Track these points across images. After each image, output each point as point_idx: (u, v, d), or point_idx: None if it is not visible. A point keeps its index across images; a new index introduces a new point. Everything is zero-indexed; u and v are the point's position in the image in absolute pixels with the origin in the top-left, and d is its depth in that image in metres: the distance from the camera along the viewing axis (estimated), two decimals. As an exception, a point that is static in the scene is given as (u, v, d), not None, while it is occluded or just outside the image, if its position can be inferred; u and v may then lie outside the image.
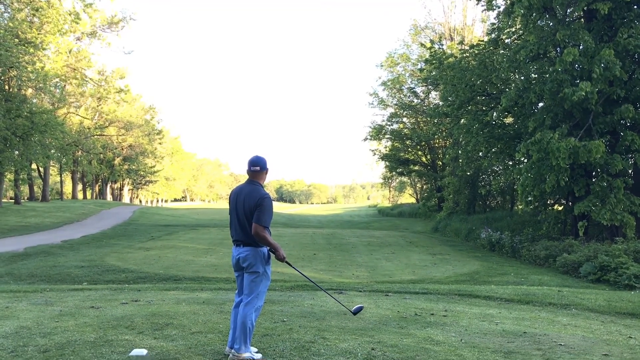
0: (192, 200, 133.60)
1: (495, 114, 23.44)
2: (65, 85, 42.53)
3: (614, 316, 8.21)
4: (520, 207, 24.93)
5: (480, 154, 26.17)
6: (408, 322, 7.02)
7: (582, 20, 18.80)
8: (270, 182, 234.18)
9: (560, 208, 21.99)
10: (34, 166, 45.20)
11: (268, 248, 5.12)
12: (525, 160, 19.73)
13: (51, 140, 34.91)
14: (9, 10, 31.26)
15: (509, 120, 24.92)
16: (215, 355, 5.16)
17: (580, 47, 17.46)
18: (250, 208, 5.01)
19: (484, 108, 24.36)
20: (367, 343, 5.74)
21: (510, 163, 25.70)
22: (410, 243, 24.10)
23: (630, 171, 18.72)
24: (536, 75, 19.89)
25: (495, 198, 34.00)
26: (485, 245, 22.83)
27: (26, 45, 28.96)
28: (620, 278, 13.43)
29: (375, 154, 48.25)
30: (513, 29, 21.98)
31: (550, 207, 22.33)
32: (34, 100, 36.72)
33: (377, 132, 44.82)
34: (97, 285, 11.55)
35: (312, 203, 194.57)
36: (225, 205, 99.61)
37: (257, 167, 5.19)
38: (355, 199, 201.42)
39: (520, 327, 6.92)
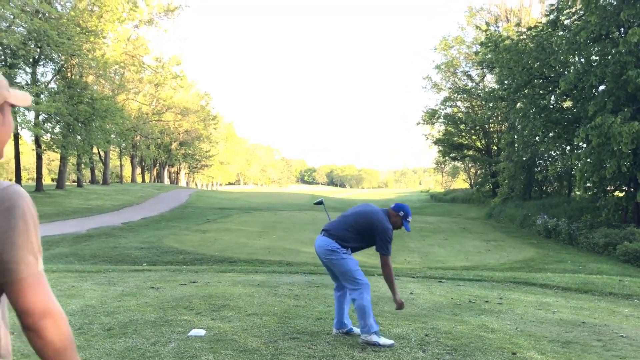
0: (245, 184, 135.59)
1: (553, 97, 22.77)
2: (124, 72, 43.72)
3: (679, 307, 7.92)
4: (578, 193, 24.21)
5: (537, 138, 25.49)
6: (462, 309, 6.98)
7: (648, -2, 17.96)
8: (321, 167, 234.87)
9: (621, 194, 21.23)
10: (95, 150, 46.79)
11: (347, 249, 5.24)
12: (585, 145, 19.11)
13: (111, 125, 36.03)
14: (71, 0, 32.31)
15: (567, 104, 24.14)
16: (271, 336, 5.28)
17: (647, 26, 16.72)
18: (366, 221, 5.24)
19: (541, 92, 23.68)
20: (421, 329, 5.74)
21: (568, 148, 24.95)
22: (463, 229, 23.81)
23: (698, 156, 17.90)
24: (597, 58, 19.15)
25: (552, 184, 33.08)
26: (541, 231, 22.31)
27: (87, 33, 29.90)
28: (686, 268, 12.92)
29: (428, 138, 47.63)
30: (573, 10, 21.18)
31: (610, 194, 21.61)
32: (95, 87, 37.90)
33: (430, 117, 44.19)
34: (156, 266, 11.94)
35: (362, 188, 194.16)
36: (276, 189, 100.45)
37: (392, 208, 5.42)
38: (407, 184, 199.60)
39: (578, 316, 6.77)
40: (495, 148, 41.01)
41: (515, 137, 27.90)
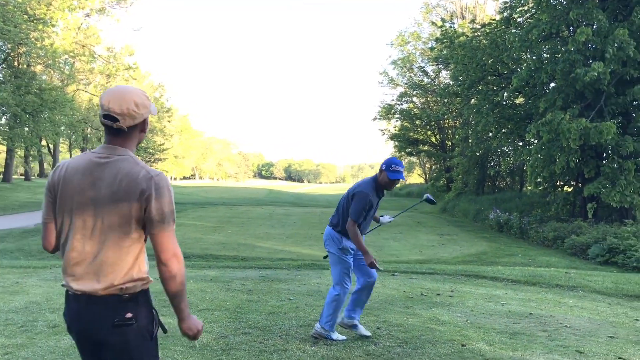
0: (201, 178, 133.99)
1: (506, 94, 23.23)
2: (74, 62, 42.44)
3: (621, 298, 8.20)
4: (529, 188, 24.85)
5: (490, 134, 26.01)
6: (414, 302, 7.04)
7: (596, -1, 18.49)
8: (279, 162, 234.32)
9: (569, 189, 21.86)
10: (43, 143, 45.37)
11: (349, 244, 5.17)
12: (536, 141, 19.59)
13: (60, 117, 34.95)
14: (18, -14, 31.15)
15: (519, 100, 24.69)
16: (222, 331, 5.21)
17: (594, 26, 17.20)
18: (345, 197, 5.29)
19: (494, 88, 24.14)
20: (373, 322, 5.77)
21: (520, 144, 25.54)
22: (418, 223, 24.09)
23: (641, 153, 18.56)
24: (548, 55, 19.63)
25: (505, 179, 33.84)
26: (493, 226, 22.78)
27: (35, 21, 28.86)
28: (629, 260, 13.38)
29: (384, 133, 47.97)
30: (526, 8, 21.63)
31: (559, 189, 22.21)
32: (44, 77, 36.73)
33: (387, 112, 44.52)
34: (106, 262, 11.63)
35: (320, 183, 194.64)
36: (233, 184, 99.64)
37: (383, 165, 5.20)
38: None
39: (526, 308, 6.92)
40: (450, 143, 41.65)
41: (469, 132, 28.43)
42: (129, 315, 2.27)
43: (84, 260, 2.28)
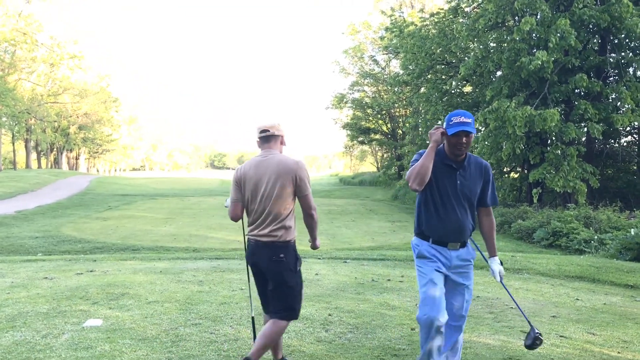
0: (151, 169, 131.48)
1: (454, 82, 23.63)
2: (15, 50, 40.80)
3: (563, 279, 8.48)
4: (477, 174, 25.41)
5: (439, 122, 26.41)
6: (365, 287, 7.11)
7: (540, -11, 18.94)
8: (232, 152, 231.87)
9: (515, 175, 22.47)
10: (-17, 135, 43.60)
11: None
12: (483, 129, 20.01)
13: (2, 107, 33.61)
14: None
15: (467, 89, 25.14)
16: (172, 323, 5.14)
17: (538, 16, 17.65)
18: None
19: (443, 77, 24.50)
20: (325, 309, 5.79)
21: (468, 131, 25.98)
22: (370, 211, 24.35)
23: (583, 139, 19.21)
24: (494, 44, 20.05)
25: (454, 166, 34.38)
26: (443, 212, 23.18)
27: (-29, 7, 27.63)
28: (571, 243, 13.89)
29: (336, 122, 48.21)
30: (472, -3, 22.00)
31: (506, 175, 22.79)
32: (-18, 66, 35.21)
33: (339, 101, 44.67)
34: (51, 256, 11.31)
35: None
36: (184, 175, 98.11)
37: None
38: (317, 168, 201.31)
39: (473, 291, 7.07)
40: (401, 132, 42.09)
41: (419, 121, 28.75)
42: (282, 255, 3.63)
43: (259, 219, 3.71)
